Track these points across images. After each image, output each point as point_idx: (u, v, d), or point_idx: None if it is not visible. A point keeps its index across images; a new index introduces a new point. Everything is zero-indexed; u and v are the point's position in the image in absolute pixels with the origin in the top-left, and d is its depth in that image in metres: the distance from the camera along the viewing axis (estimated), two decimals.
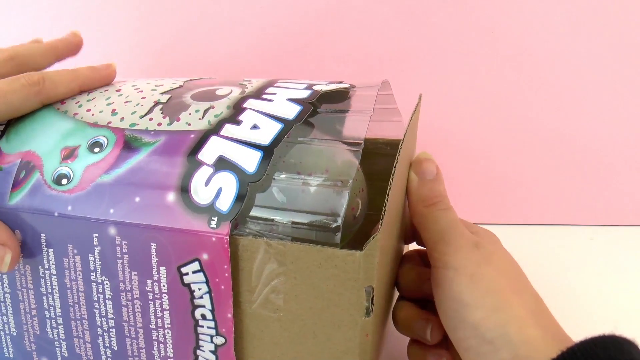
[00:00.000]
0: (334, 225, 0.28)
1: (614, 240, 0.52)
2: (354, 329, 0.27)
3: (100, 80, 0.36)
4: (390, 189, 0.27)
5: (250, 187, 0.27)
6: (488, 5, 0.51)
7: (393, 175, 0.27)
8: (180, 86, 0.35)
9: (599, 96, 0.52)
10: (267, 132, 0.29)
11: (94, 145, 0.30)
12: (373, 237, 0.25)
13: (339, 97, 0.39)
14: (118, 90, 0.35)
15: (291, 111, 0.30)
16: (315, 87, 0.33)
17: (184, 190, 0.27)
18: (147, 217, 0.27)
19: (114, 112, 0.32)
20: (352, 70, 0.52)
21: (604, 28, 0.50)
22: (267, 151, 0.28)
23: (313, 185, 0.30)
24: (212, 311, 0.28)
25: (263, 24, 0.53)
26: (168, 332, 0.29)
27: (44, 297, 0.30)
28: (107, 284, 0.29)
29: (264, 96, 0.32)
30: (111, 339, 0.30)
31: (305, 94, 0.32)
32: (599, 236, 0.52)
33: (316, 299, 0.27)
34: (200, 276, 0.27)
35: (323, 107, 0.32)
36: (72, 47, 0.38)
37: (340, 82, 0.35)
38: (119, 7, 0.54)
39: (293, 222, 0.29)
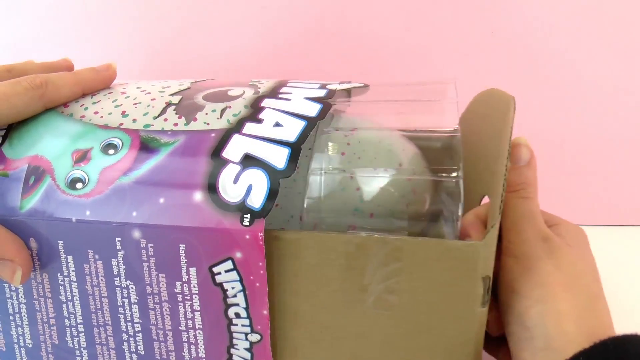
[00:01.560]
0: (454, 216, 0.28)
1: (614, 240, 0.52)
2: (470, 320, 0.26)
3: (102, 82, 0.35)
4: (505, 181, 0.27)
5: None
6: (488, 5, 0.51)
7: (507, 167, 0.27)
8: (188, 88, 0.34)
9: (599, 96, 0.53)
10: (291, 129, 0.29)
11: (108, 147, 0.30)
12: (492, 227, 0.25)
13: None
14: (123, 93, 0.34)
15: (312, 109, 0.30)
16: (329, 87, 0.33)
17: (212, 188, 0.27)
18: (174, 218, 0.27)
19: (124, 114, 0.31)
20: (353, 71, 0.52)
21: (605, 28, 0.51)
22: (294, 147, 0.28)
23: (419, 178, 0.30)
24: (247, 309, 0.27)
25: (264, 24, 0.52)
26: (199, 333, 0.28)
27: (64, 305, 0.30)
28: (132, 288, 0.28)
29: (280, 95, 0.32)
30: (137, 343, 0.29)
31: (321, 92, 0.32)
32: (599, 236, 0.52)
33: (432, 293, 0.26)
34: (233, 275, 0.27)
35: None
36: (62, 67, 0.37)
37: (350, 82, 0.35)
38: (119, 7, 0.52)
39: (410, 216, 0.29)
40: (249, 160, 0.28)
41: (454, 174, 0.29)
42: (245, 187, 0.27)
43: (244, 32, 0.53)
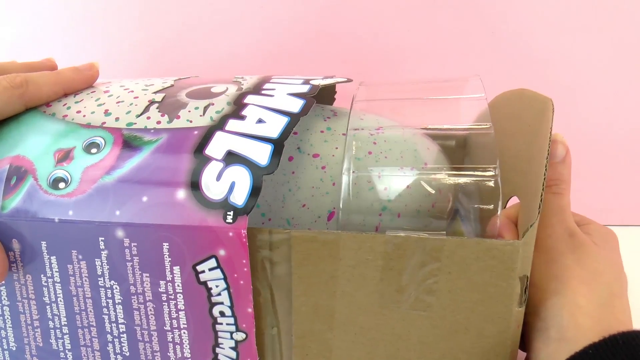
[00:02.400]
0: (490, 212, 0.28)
1: None
2: (508, 320, 0.26)
3: (83, 82, 0.35)
4: (545, 181, 0.26)
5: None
6: (488, 5, 0.51)
7: (546, 167, 0.27)
8: (172, 85, 0.34)
9: (599, 96, 0.53)
10: (274, 125, 0.29)
11: (90, 146, 0.29)
12: (531, 226, 0.25)
13: (329, 95, 0.40)
14: (106, 92, 0.33)
15: (295, 105, 0.30)
16: (312, 82, 0.33)
17: (195, 186, 0.27)
18: (158, 216, 0.27)
19: (107, 113, 0.31)
20: (353, 71, 0.51)
21: (605, 28, 0.51)
22: (277, 144, 0.28)
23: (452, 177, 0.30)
24: (232, 307, 0.27)
25: (263, 24, 0.52)
26: (184, 333, 0.28)
27: (48, 307, 0.29)
28: (116, 288, 0.28)
29: (263, 92, 0.32)
30: (122, 344, 0.29)
31: (304, 88, 0.32)
32: None
33: (470, 293, 0.26)
34: (217, 273, 0.27)
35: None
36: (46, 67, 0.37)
37: (333, 77, 0.35)
38: (119, 7, 0.52)
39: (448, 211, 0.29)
40: (231, 157, 0.27)
41: (490, 172, 0.28)
42: (228, 184, 0.27)
43: (244, 32, 0.52)
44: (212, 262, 0.27)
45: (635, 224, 0.56)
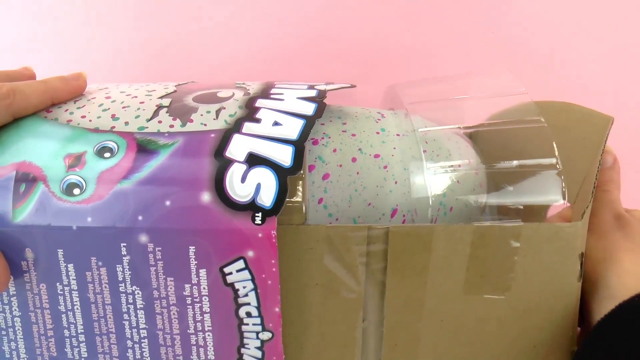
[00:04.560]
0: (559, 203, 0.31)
1: None
2: (572, 294, 0.29)
3: (71, 92, 0.34)
4: (597, 178, 0.31)
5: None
6: (488, 5, 0.52)
7: (598, 169, 0.32)
8: (175, 91, 0.34)
9: (599, 96, 0.54)
10: (292, 127, 0.29)
11: (102, 151, 0.29)
12: (587, 207, 0.29)
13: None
14: (108, 97, 0.33)
15: (308, 108, 0.31)
16: (317, 87, 0.34)
17: (219, 188, 0.27)
18: (183, 220, 0.27)
19: (114, 117, 0.31)
20: (353, 71, 0.52)
21: (605, 28, 0.52)
22: (297, 145, 0.28)
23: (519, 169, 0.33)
24: (258, 307, 0.28)
25: (263, 26, 0.51)
26: (209, 335, 0.28)
27: (63, 315, 0.29)
28: (138, 293, 0.28)
29: (273, 96, 0.32)
30: (143, 349, 0.29)
31: (312, 92, 0.33)
32: None
33: (543, 273, 0.29)
34: (245, 274, 0.27)
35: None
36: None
37: (332, 83, 0.36)
38: (118, 8, 0.51)
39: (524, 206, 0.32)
40: (254, 159, 0.28)
41: (550, 162, 0.31)
42: (254, 185, 0.27)
43: (244, 33, 0.52)
44: (241, 264, 0.27)
45: None
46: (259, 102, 0.31)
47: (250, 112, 0.30)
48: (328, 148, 0.31)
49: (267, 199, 0.27)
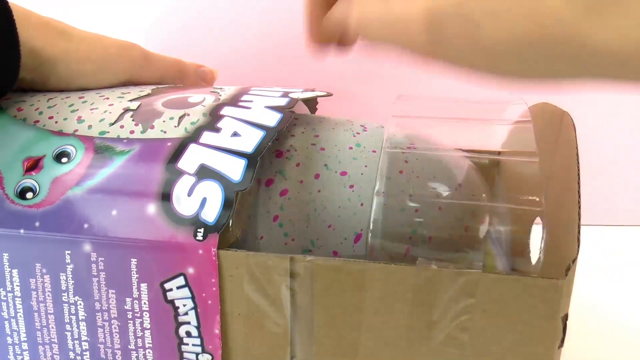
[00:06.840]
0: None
1: (614, 240, 0.51)
2: None
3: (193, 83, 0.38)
4: (580, 206, 0.25)
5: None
6: None
7: (579, 191, 0.25)
8: (149, 94, 0.33)
9: (599, 96, 0.52)
10: (249, 139, 0.28)
11: (60, 155, 0.28)
12: (573, 262, 0.23)
13: (310, 105, 0.39)
14: (81, 97, 0.33)
15: (272, 119, 0.29)
16: (291, 95, 0.32)
17: (166, 201, 0.26)
18: (127, 231, 0.26)
19: (80, 120, 0.30)
20: (352, 71, 0.51)
21: None
22: (251, 159, 0.27)
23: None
24: (198, 327, 0.26)
25: (262, 25, 0.51)
26: (149, 352, 0.27)
27: (6, 322, 0.28)
28: (80, 304, 0.27)
29: (241, 104, 0.31)
30: None
31: (282, 101, 0.31)
32: (599, 236, 0.51)
33: (508, 333, 0.24)
34: (185, 291, 0.26)
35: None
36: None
37: (313, 90, 0.35)
38: (118, 9, 0.51)
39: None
40: (204, 172, 0.26)
41: (536, 202, 0.27)
42: (199, 200, 0.26)
43: (244, 34, 0.52)
44: (181, 280, 0.26)
45: (636, 224, 0.55)
46: (225, 110, 0.30)
47: (212, 121, 0.29)
48: (291, 162, 0.30)
49: (210, 214, 0.25)
